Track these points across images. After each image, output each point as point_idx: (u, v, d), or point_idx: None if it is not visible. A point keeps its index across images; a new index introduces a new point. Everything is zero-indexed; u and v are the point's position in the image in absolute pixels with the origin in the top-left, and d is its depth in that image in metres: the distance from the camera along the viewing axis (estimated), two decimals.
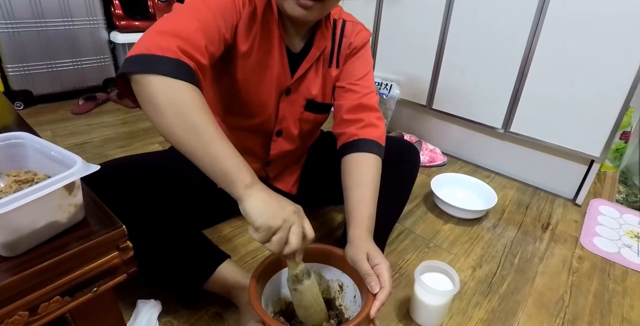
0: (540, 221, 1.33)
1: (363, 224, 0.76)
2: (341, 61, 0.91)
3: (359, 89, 0.90)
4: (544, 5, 1.28)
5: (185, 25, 0.63)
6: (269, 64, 0.84)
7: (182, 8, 0.67)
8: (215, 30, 0.68)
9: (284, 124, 0.94)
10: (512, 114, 1.47)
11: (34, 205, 0.46)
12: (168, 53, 0.58)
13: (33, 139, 0.60)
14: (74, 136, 1.66)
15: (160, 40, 0.59)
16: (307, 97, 0.92)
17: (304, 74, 0.88)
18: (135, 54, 0.58)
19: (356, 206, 0.78)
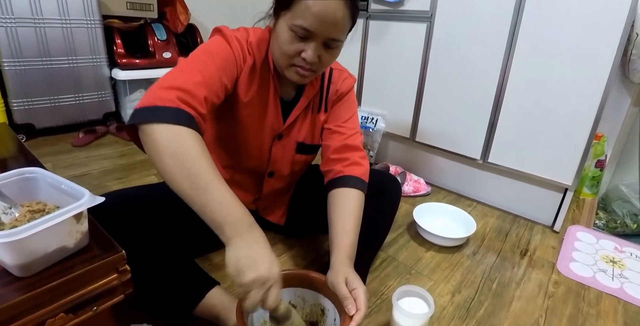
0: (519, 248, 1.39)
1: (344, 252, 0.82)
2: (329, 106, 1.01)
3: (345, 131, 0.99)
4: (513, 37, 1.40)
5: (187, 79, 0.70)
6: (265, 113, 0.94)
7: (187, 62, 0.76)
8: (217, 82, 0.77)
9: (275, 165, 1.03)
10: (489, 145, 1.56)
11: (48, 231, 0.53)
12: (168, 103, 0.65)
13: (45, 173, 0.68)
14: (74, 168, 1.73)
15: (162, 93, 0.67)
16: (298, 140, 1.01)
17: (294, 120, 0.97)
18: (140, 107, 0.66)
19: (338, 235, 0.85)
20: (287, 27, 0.78)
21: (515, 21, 1.38)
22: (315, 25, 0.76)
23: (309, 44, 0.79)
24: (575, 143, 1.36)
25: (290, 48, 0.80)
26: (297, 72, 0.83)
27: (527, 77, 1.41)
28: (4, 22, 1.79)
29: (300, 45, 0.79)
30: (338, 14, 0.76)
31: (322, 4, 0.74)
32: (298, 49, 0.80)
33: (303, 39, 0.78)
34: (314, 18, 0.75)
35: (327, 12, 0.75)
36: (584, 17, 1.25)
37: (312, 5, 0.74)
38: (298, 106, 0.96)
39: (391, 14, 1.72)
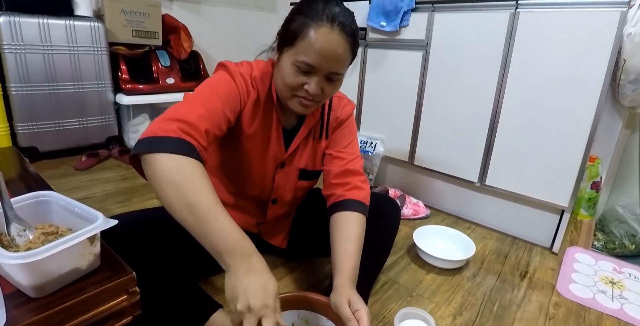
0: (518, 270, 1.40)
1: (346, 274, 0.83)
2: (329, 132, 1.05)
3: (345, 156, 1.02)
4: (506, 64, 1.45)
5: (190, 112, 0.73)
6: (268, 143, 0.97)
7: (191, 97, 0.80)
8: (220, 115, 0.80)
9: (279, 193, 1.06)
10: (486, 168, 1.59)
11: (63, 253, 0.55)
12: (170, 133, 0.68)
13: (58, 197, 0.70)
14: (76, 191, 1.75)
15: (164, 124, 0.69)
16: (300, 167, 1.04)
17: (296, 148, 1.01)
18: (143, 138, 0.68)
19: (341, 258, 0.87)
20: (290, 62, 0.83)
21: (507, 49, 1.44)
22: (318, 61, 0.80)
23: (312, 77, 0.83)
24: (570, 165, 1.39)
25: (294, 81, 0.84)
26: (300, 102, 0.87)
27: (521, 102, 1.46)
28: (14, 49, 1.85)
29: (304, 78, 0.83)
30: (339, 49, 0.80)
31: (324, 41, 0.79)
32: (301, 82, 0.84)
33: (306, 73, 0.83)
34: (317, 54, 0.79)
35: (328, 49, 0.79)
36: (573, 44, 1.31)
37: (314, 42, 0.79)
38: (299, 135, 1.00)
39: (388, 42, 1.79)
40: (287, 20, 0.85)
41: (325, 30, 0.78)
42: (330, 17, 0.78)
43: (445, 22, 1.59)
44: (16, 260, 0.50)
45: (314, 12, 0.79)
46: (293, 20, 0.82)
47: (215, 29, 2.92)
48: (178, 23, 2.45)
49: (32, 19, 1.88)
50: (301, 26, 0.80)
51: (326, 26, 0.78)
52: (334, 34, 0.78)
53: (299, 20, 0.80)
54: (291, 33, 0.82)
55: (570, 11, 1.29)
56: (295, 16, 0.82)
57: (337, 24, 0.78)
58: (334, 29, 0.78)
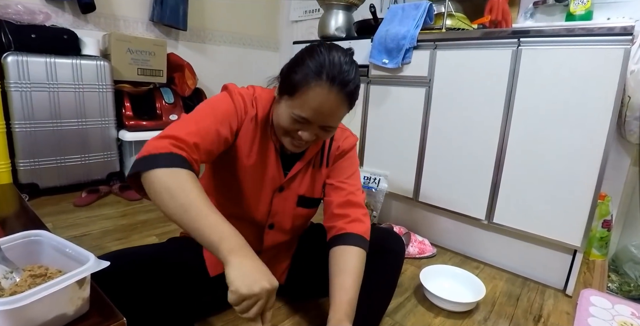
0: (531, 313, 1.33)
1: (342, 309, 0.81)
2: (330, 161, 1.03)
3: (347, 187, 1.00)
4: (510, 100, 1.45)
5: (180, 129, 0.77)
6: (265, 165, 0.96)
7: (186, 115, 0.83)
8: (212, 132, 0.82)
9: (276, 218, 1.03)
10: (493, 205, 1.56)
11: (48, 298, 0.51)
12: (162, 150, 0.72)
13: (50, 236, 0.67)
14: (74, 228, 1.71)
15: (156, 143, 0.74)
16: (299, 193, 1.02)
17: (296, 174, 0.99)
18: (138, 158, 0.73)
19: (337, 292, 0.84)
20: (287, 111, 0.84)
21: (510, 87, 1.44)
22: (313, 117, 0.82)
23: (307, 127, 0.85)
24: (581, 203, 1.35)
25: (289, 127, 0.86)
26: (292, 143, 0.89)
27: (527, 139, 1.44)
28: (20, 87, 1.88)
29: (299, 126, 0.85)
30: (335, 108, 0.82)
31: (321, 101, 0.80)
32: (296, 129, 0.85)
33: (301, 123, 0.84)
34: (312, 111, 0.81)
35: (324, 107, 0.81)
36: (577, 81, 1.30)
37: (311, 100, 0.80)
38: (300, 162, 0.99)
39: (391, 79, 1.80)
40: (290, 68, 0.85)
41: (323, 91, 0.79)
42: (330, 77, 0.79)
43: (447, 59, 1.61)
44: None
45: (315, 68, 0.80)
46: (295, 72, 0.82)
47: (219, 67, 2.99)
48: (183, 61, 2.50)
49: (40, 58, 1.92)
50: (301, 82, 0.80)
51: (324, 86, 0.79)
52: (332, 94, 0.79)
53: (300, 74, 0.81)
54: (291, 84, 0.82)
55: (573, 48, 1.30)
56: (298, 68, 0.82)
57: (337, 84, 0.79)
58: (332, 89, 0.79)
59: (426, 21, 1.68)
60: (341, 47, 0.86)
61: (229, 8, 2.97)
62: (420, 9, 1.67)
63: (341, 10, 2.11)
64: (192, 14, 2.69)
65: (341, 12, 2.11)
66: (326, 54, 0.80)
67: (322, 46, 0.83)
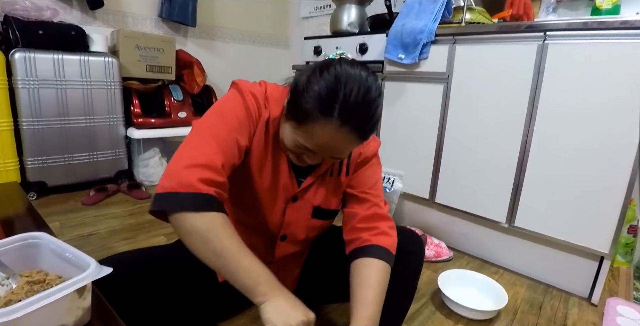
0: (555, 323, 1.26)
1: (362, 324, 0.75)
2: (351, 169, 0.95)
3: (371, 198, 0.92)
4: (535, 98, 1.38)
5: (203, 152, 0.71)
6: (278, 173, 0.88)
7: (200, 129, 0.75)
8: (232, 145, 0.75)
9: (289, 229, 0.96)
10: (514, 208, 1.49)
11: (45, 309, 0.46)
12: (188, 189, 0.66)
13: (49, 239, 0.62)
14: (81, 227, 1.68)
15: (181, 177, 0.67)
16: (314, 204, 0.94)
17: (311, 183, 0.91)
18: (162, 193, 0.68)
19: (358, 306, 0.78)
20: (292, 135, 0.77)
21: (535, 83, 1.37)
22: (319, 151, 0.75)
23: (311, 155, 0.78)
24: (609, 208, 1.28)
25: (294, 149, 0.79)
26: (298, 160, 0.83)
27: (552, 139, 1.37)
28: (27, 84, 1.85)
29: (303, 151, 0.78)
30: (344, 145, 0.74)
31: (328, 139, 0.71)
32: (301, 153, 0.79)
33: (306, 150, 0.77)
34: (317, 146, 0.74)
35: (332, 144, 0.73)
36: (609, 78, 1.23)
37: (317, 136, 0.72)
38: (316, 171, 0.91)
39: (407, 75, 1.74)
40: (298, 91, 0.74)
41: (332, 129, 0.70)
42: (342, 116, 0.68)
43: (467, 55, 1.54)
44: None
45: (327, 99, 0.69)
46: (303, 98, 0.71)
47: (229, 64, 2.95)
48: (192, 58, 2.47)
49: (47, 54, 1.89)
50: (309, 114, 0.71)
51: (334, 125, 0.69)
52: (342, 132, 0.70)
53: (309, 103, 0.70)
54: (297, 111, 0.73)
55: (604, 43, 1.23)
56: (307, 95, 0.71)
57: (349, 123, 0.69)
58: (343, 128, 0.69)
59: (444, 15, 1.62)
60: (365, 66, 0.74)
61: (238, 5, 2.93)
62: (439, 2, 1.60)
63: (354, 5, 2.06)
64: (201, 11, 2.65)
65: (354, 6, 2.06)
66: (343, 80, 0.69)
67: (340, 65, 0.71)
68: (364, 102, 0.69)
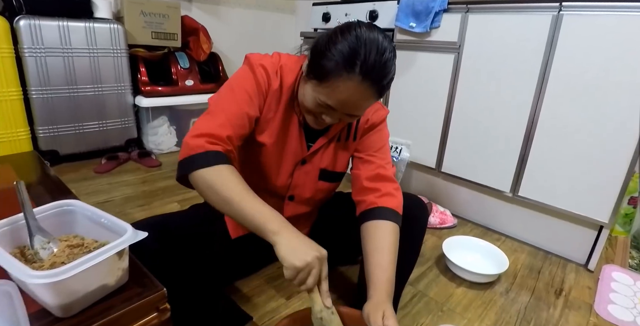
0: (553, 287, 1.33)
1: (382, 288, 0.79)
2: (359, 135, 0.99)
3: (376, 160, 0.96)
4: (546, 70, 1.38)
5: (211, 124, 0.79)
6: (288, 137, 0.93)
7: (213, 105, 0.84)
8: (241, 117, 0.82)
9: (297, 190, 1.01)
10: (519, 178, 1.52)
11: (91, 270, 0.50)
12: (197, 149, 0.75)
13: (83, 206, 0.66)
14: (96, 195, 1.73)
15: (193, 143, 0.76)
16: (321, 167, 0.99)
17: (319, 147, 0.96)
18: (180, 160, 0.78)
19: (375, 270, 0.82)
20: (313, 94, 0.80)
21: (548, 55, 1.37)
22: (340, 107, 0.78)
23: (331, 113, 0.81)
24: (613, 179, 1.31)
25: (313, 109, 0.83)
26: (315, 122, 0.86)
27: (561, 111, 1.38)
28: (34, 52, 1.84)
29: (322, 110, 0.81)
30: (364, 100, 0.78)
31: (350, 93, 0.75)
32: (320, 112, 0.82)
33: (326, 108, 0.80)
34: (339, 103, 0.77)
35: (352, 100, 0.77)
36: (623, 51, 1.23)
37: (339, 91, 0.75)
38: (324, 136, 0.95)
39: (417, 44, 1.73)
40: (321, 49, 0.77)
41: (354, 84, 0.74)
42: (364, 70, 0.72)
43: (480, 24, 1.53)
44: (42, 280, 0.46)
45: (348, 57, 0.72)
46: (325, 57, 0.75)
47: (235, 31, 2.90)
48: (197, 25, 2.43)
49: (52, 22, 1.87)
50: (332, 70, 0.74)
51: (356, 79, 0.73)
52: (362, 87, 0.74)
53: (332, 61, 0.74)
54: (320, 70, 0.76)
55: (621, 15, 1.22)
56: (330, 54, 0.74)
57: (370, 78, 0.73)
58: (364, 83, 0.73)
59: None
60: (381, 30, 0.78)
61: None
62: None
63: None
64: None
65: None
66: (363, 40, 0.73)
67: (360, 28, 0.74)
68: (382, 60, 0.73)
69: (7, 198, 0.91)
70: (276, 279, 1.23)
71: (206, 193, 0.75)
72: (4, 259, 0.50)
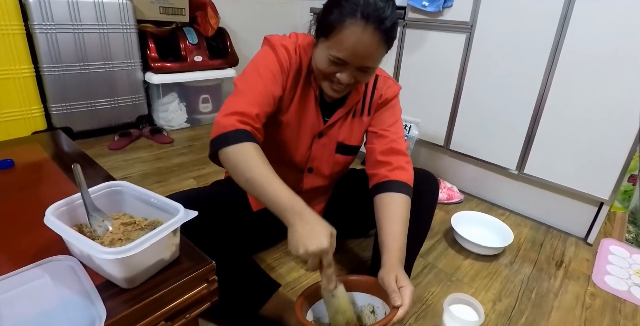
0: (554, 259, 1.41)
1: (395, 255, 0.85)
2: (372, 110, 1.05)
3: (389, 135, 1.02)
4: (557, 50, 1.40)
5: (240, 103, 0.83)
6: (305, 112, 0.99)
7: (239, 85, 0.88)
8: (267, 96, 0.87)
9: (315, 163, 1.08)
10: (525, 156, 1.58)
11: (152, 246, 0.56)
12: (229, 128, 0.80)
13: (132, 187, 0.71)
14: (113, 171, 1.77)
15: (224, 121, 0.81)
16: (338, 140, 1.05)
17: (335, 121, 1.02)
18: (212, 138, 0.82)
19: (388, 238, 0.88)
20: (324, 53, 0.84)
21: (559, 35, 1.39)
22: (349, 58, 0.82)
23: (345, 69, 0.85)
24: (616, 158, 1.37)
25: (327, 70, 0.86)
26: (332, 87, 0.90)
27: (569, 91, 1.42)
28: (45, 28, 1.84)
29: (336, 68, 0.85)
30: (371, 47, 0.81)
31: (356, 40, 0.79)
32: (334, 71, 0.86)
33: (338, 65, 0.84)
34: (348, 52, 0.81)
35: (360, 47, 0.80)
36: (635, 28, 1.25)
37: (346, 40, 0.79)
38: (340, 110, 1.01)
39: (429, 23, 1.74)
40: (325, 9, 0.84)
41: (358, 29, 0.78)
42: (365, 14, 0.77)
43: (492, 4, 1.53)
44: (114, 255, 0.52)
45: (349, 7, 0.78)
46: (330, 13, 0.81)
47: (242, 5, 2.86)
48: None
49: None
50: (335, 21, 0.80)
51: (359, 24, 0.78)
52: (367, 32, 0.78)
53: (335, 14, 0.80)
54: (326, 25, 0.82)
55: None
56: (332, 9, 0.81)
57: (372, 22, 0.78)
58: (367, 27, 0.78)
59: None
60: None
61: None
62: None
63: None
64: None
65: None
66: None
67: None
68: (379, 5, 0.78)
69: (44, 176, 0.96)
70: None
71: (232, 171, 0.79)
72: (75, 238, 0.56)
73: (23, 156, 1.04)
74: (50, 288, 0.56)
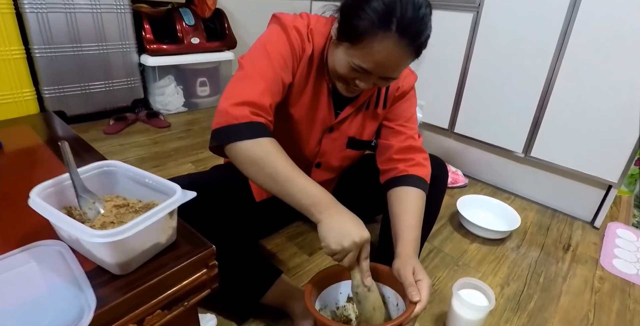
0: (561, 243, 1.38)
1: (410, 246, 0.82)
2: (388, 103, 0.97)
3: (407, 131, 0.96)
4: (567, 31, 1.36)
5: (252, 91, 0.75)
6: (317, 105, 0.92)
7: (247, 67, 0.78)
8: (278, 83, 0.79)
9: (324, 158, 1.02)
10: (532, 139, 1.54)
11: (146, 229, 0.52)
12: (241, 119, 0.72)
13: (125, 167, 0.67)
14: (110, 156, 1.71)
15: (235, 111, 0.72)
16: (349, 135, 0.99)
17: (347, 115, 0.95)
18: (219, 127, 0.73)
19: (404, 229, 0.85)
20: (346, 58, 0.76)
21: (570, 14, 1.34)
22: (375, 69, 0.74)
23: (366, 77, 0.78)
24: (624, 141, 1.33)
25: (346, 75, 0.79)
26: (346, 89, 0.83)
27: (578, 73, 1.37)
28: (35, 7, 1.77)
29: (356, 75, 0.78)
30: (401, 61, 0.74)
31: (386, 54, 0.71)
32: (353, 77, 0.79)
33: (360, 73, 0.77)
34: (375, 64, 0.73)
35: (389, 61, 0.73)
36: None
37: (375, 53, 0.71)
38: (352, 104, 0.94)
39: (434, 2, 1.65)
40: (352, 10, 0.73)
41: (391, 43, 0.69)
42: (402, 28, 0.68)
43: None
44: (104, 239, 0.48)
45: (383, 14, 0.68)
46: (358, 17, 0.70)
47: None
48: None
49: None
50: (366, 30, 0.70)
51: (393, 38, 0.69)
52: (400, 47, 0.70)
53: (364, 20, 0.69)
54: (353, 31, 0.72)
55: None
56: (361, 12, 0.70)
57: (407, 36, 0.69)
58: (401, 42, 0.69)
59: None
60: None
61: None
62: None
63: None
64: None
65: None
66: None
67: None
68: (419, 16, 0.69)
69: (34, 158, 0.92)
70: (297, 237, 1.27)
71: (247, 167, 0.73)
72: (62, 220, 0.51)
73: (12, 138, 1.00)
74: (37, 275, 0.52)
